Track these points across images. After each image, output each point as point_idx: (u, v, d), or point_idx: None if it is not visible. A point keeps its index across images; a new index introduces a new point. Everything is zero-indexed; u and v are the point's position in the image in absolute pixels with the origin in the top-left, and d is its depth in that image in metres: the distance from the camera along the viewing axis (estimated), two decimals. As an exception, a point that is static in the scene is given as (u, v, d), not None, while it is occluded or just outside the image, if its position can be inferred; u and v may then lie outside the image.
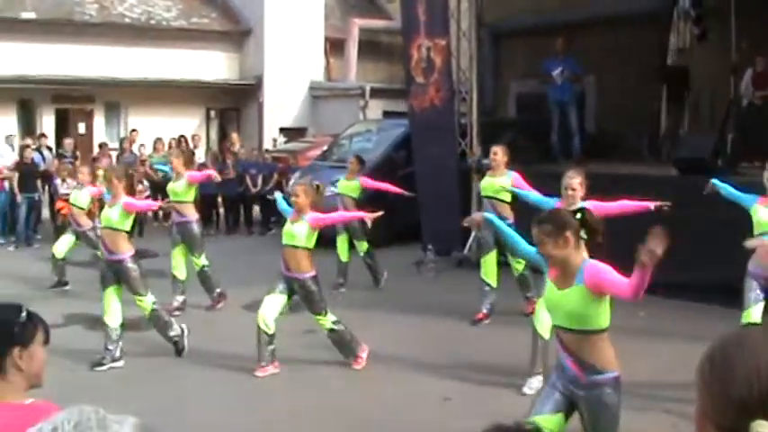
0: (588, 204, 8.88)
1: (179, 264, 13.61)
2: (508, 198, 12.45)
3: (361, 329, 11.45)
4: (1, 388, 3.55)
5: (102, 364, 10.43)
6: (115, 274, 10.69)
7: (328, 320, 10.33)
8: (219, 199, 22.29)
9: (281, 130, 30.17)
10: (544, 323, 8.88)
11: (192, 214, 13.58)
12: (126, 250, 10.74)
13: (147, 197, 21.26)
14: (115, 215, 10.74)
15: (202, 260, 13.55)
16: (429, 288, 14.95)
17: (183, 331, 10.91)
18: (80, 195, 15.10)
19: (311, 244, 10.23)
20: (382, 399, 9.48)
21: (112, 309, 10.59)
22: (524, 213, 10.61)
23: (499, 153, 12.74)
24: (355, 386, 9.93)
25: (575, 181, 9.85)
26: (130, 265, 10.70)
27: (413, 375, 10.13)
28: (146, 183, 21.68)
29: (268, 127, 30.22)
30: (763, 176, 9.59)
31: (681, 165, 14.08)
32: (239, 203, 22.17)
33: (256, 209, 22.26)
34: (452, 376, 9.99)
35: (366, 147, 21.05)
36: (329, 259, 14.03)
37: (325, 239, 12.08)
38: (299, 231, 10.11)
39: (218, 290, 13.55)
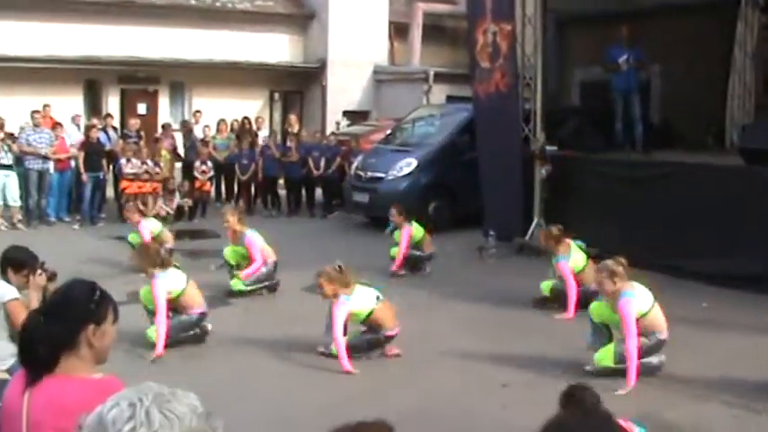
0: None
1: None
2: None
3: (423, 314, 11.51)
4: (73, 363, 3.62)
5: None
6: None
7: None
8: (282, 181, 22.37)
9: (345, 113, 30.20)
10: None
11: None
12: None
13: (210, 178, 21.55)
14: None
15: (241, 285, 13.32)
16: (491, 274, 14.89)
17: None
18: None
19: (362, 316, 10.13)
20: (440, 385, 9.46)
21: None
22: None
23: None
24: (413, 372, 9.91)
25: None
26: None
27: (472, 362, 10.10)
28: (209, 163, 21.86)
29: (331, 110, 30.28)
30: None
31: (747, 154, 13.89)
32: (301, 186, 22.21)
33: (319, 191, 22.29)
34: (512, 363, 9.95)
35: (429, 131, 21.04)
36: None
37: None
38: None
39: None
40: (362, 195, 19.58)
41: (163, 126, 24.44)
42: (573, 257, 12.18)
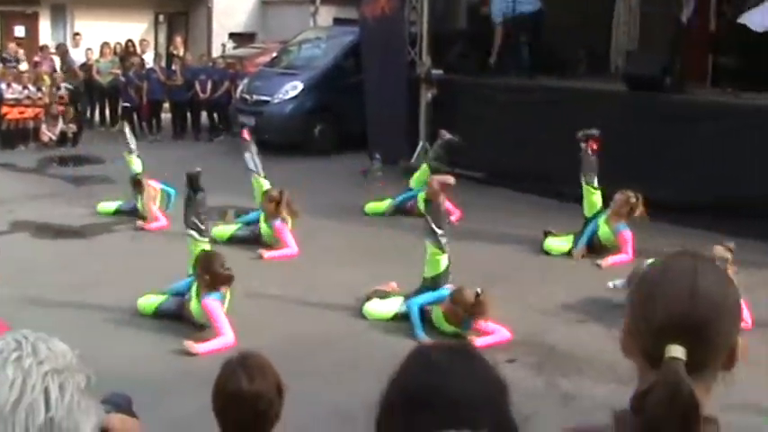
0: None
1: None
2: None
3: (311, 237, 11.61)
4: None
5: None
6: None
7: None
8: (166, 104, 22.10)
9: (231, 35, 29.89)
10: None
11: None
12: None
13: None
14: None
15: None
16: (376, 196, 14.97)
17: None
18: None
19: None
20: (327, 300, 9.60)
21: None
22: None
23: None
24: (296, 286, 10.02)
25: None
26: None
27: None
28: (66, 86, 21.16)
29: (217, 32, 29.93)
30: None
31: (630, 80, 14.14)
32: (186, 110, 21.94)
33: (204, 115, 22.07)
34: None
35: (315, 54, 20.99)
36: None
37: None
38: None
39: None
40: (248, 118, 19.48)
41: (41, 48, 23.86)
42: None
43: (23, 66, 21.46)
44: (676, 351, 1.84)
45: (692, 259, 2.03)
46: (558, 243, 11.49)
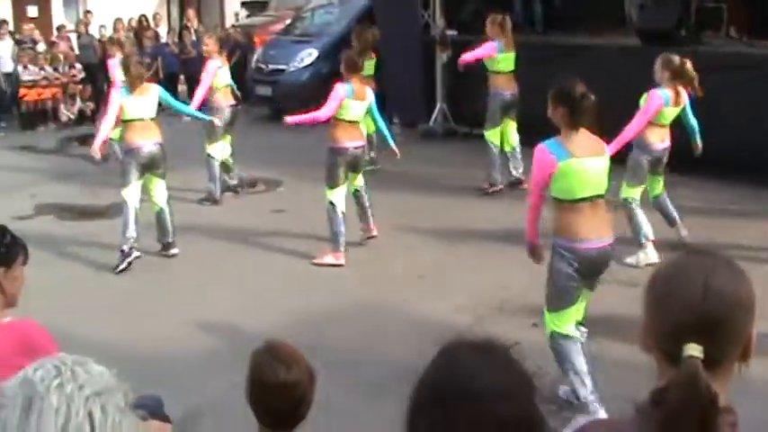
0: None
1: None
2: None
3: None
4: None
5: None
6: None
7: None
8: (182, 77, 22.14)
9: (243, 4, 29.79)
10: None
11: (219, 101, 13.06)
12: None
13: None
14: None
15: (210, 149, 12.94)
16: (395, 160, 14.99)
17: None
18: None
19: None
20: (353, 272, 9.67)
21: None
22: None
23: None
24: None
25: None
26: None
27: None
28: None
29: (229, 2, 29.84)
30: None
31: (644, 34, 14.02)
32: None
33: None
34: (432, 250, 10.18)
35: (329, 20, 20.94)
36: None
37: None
38: None
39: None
40: (265, 88, 19.56)
41: (57, 28, 23.85)
42: None
43: (41, 46, 21.48)
44: (694, 350, 1.91)
45: (704, 257, 2.09)
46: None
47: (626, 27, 16.75)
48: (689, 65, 9.41)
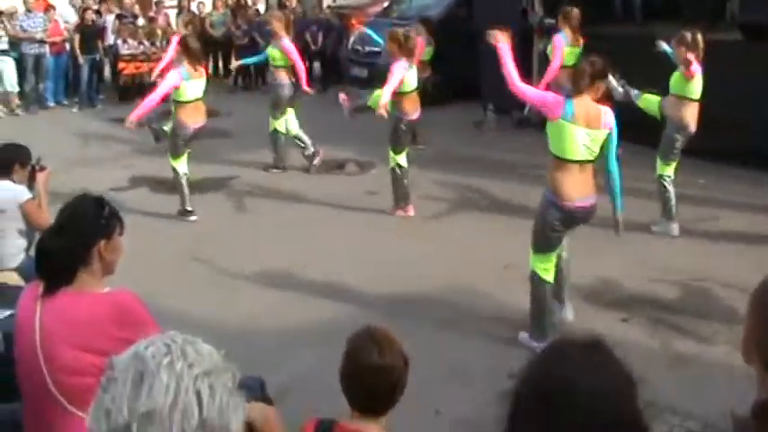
0: None
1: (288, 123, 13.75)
2: None
3: (423, 188, 11.68)
4: (86, 278, 3.79)
5: None
6: None
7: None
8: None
9: (341, -15, 29.81)
10: None
11: (283, 78, 13.50)
12: None
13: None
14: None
15: (277, 124, 13.56)
16: (491, 148, 14.96)
17: None
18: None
19: None
20: (442, 258, 9.66)
21: None
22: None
23: None
24: (417, 242, 10.15)
25: None
26: None
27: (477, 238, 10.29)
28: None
29: (328, -18, 29.87)
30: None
31: (746, 29, 13.70)
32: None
33: (316, 66, 22.19)
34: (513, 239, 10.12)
35: (427, 3, 20.84)
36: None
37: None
38: None
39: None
40: (361, 70, 19.58)
41: (155, 3, 24.17)
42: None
43: (140, 21, 21.78)
44: None
45: None
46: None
47: (725, 21, 16.40)
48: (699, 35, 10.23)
